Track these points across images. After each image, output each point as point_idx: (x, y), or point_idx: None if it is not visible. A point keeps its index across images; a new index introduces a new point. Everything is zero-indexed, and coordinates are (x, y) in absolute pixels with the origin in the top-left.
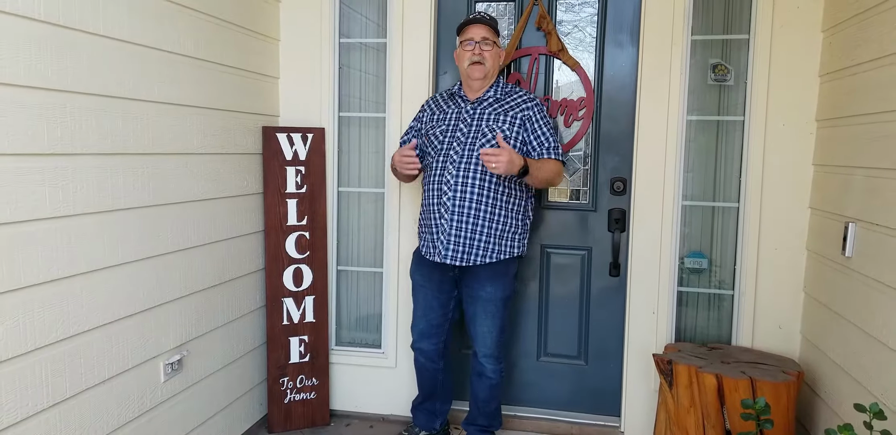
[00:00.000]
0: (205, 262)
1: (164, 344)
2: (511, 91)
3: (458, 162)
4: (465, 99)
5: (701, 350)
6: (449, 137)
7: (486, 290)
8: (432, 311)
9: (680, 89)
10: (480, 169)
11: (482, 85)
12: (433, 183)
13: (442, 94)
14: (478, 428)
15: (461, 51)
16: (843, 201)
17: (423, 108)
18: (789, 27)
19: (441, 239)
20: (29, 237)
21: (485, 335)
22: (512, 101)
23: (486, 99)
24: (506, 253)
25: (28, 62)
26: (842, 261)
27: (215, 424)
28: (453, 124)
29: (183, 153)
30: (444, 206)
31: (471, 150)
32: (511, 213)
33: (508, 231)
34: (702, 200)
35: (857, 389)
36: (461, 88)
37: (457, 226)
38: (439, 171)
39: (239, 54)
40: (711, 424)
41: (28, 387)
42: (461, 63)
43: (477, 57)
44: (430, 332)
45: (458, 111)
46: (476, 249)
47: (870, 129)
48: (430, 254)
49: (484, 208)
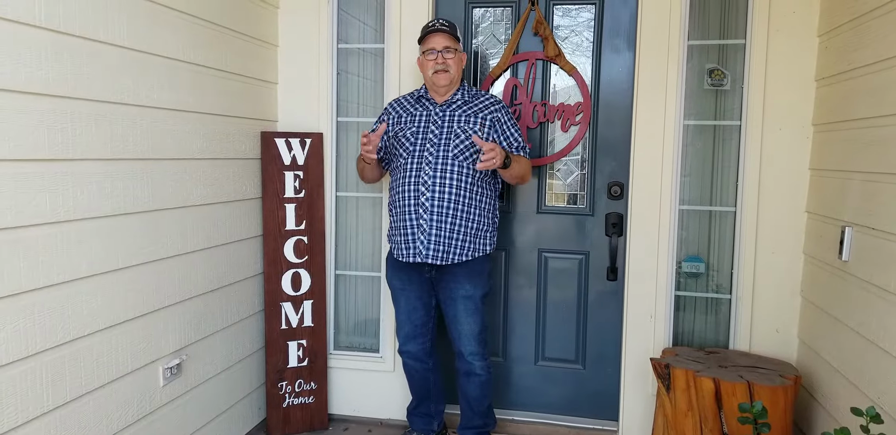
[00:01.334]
0: (204, 266)
1: (163, 348)
2: (477, 94)
3: (434, 163)
4: (432, 102)
5: (698, 354)
6: (421, 139)
7: (464, 288)
8: (415, 311)
9: (677, 94)
10: (455, 169)
11: (448, 90)
12: (408, 184)
13: (406, 97)
14: (474, 431)
15: (424, 60)
16: (839, 205)
17: (388, 110)
18: (785, 32)
19: (421, 239)
20: (30, 242)
21: (468, 334)
22: (480, 104)
23: (455, 101)
24: (480, 250)
25: (29, 68)
26: (839, 265)
27: (214, 428)
28: (423, 126)
29: (182, 158)
30: (423, 207)
31: (445, 150)
32: (484, 211)
33: (481, 229)
34: (699, 205)
35: (855, 393)
36: (427, 91)
37: (437, 225)
38: (415, 172)
39: (238, 60)
40: (709, 428)
41: (29, 391)
42: (425, 71)
43: (441, 65)
44: (415, 333)
45: (426, 113)
46: (455, 247)
47: (866, 133)
48: (406, 255)
49: (461, 208)
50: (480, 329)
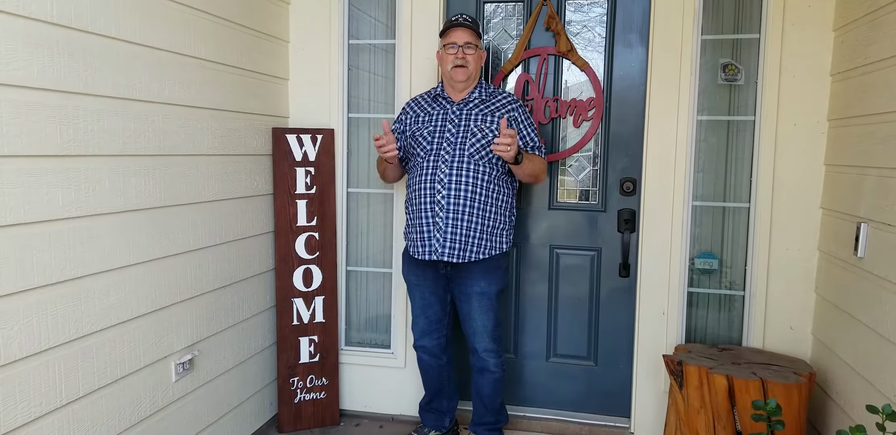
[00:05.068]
0: (215, 262)
1: (175, 344)
2: (494, 93)
3: (451, 161)
4: (449, 100)
5: (711, 351)
6: (438, 138)
7: (479, 285)
8: (431, 307)
9: (690, 89)
10: (472, 167)
11: (465, 87)
12: (425, 182)
13: (423, 96)
14: (486, 427)
15: (444, 54)
16: (855, 201)
17: (405, 110)
18: (800, 26)
19: (437, 237)
20: (43, 238)
21: (483, 330)
22: (497, 102)
23: (472, 100)
24: (496, 248)
25: (41, 65)
26: (854, 261)
27: (226, 423)
28: (440, 125)
29: (194, 154)
30: (439, 205)
31: (461, 149)
32: (500, 210)
33: (498, 227)
34: (712, 201)
35: (870, 391)
36: (444, 90)
37: (453, 223)
38: (431, 170)
39: (249, 56)
40: (722, 425)
41: (42, 386)
42: (444, 65)
43: (461, 60)
44: (429, 328)
45: (443, 112)
46: (471, 245)
47: (882, 128)
48: (423, 253)
49: (477, 205)
50: (494, 326)
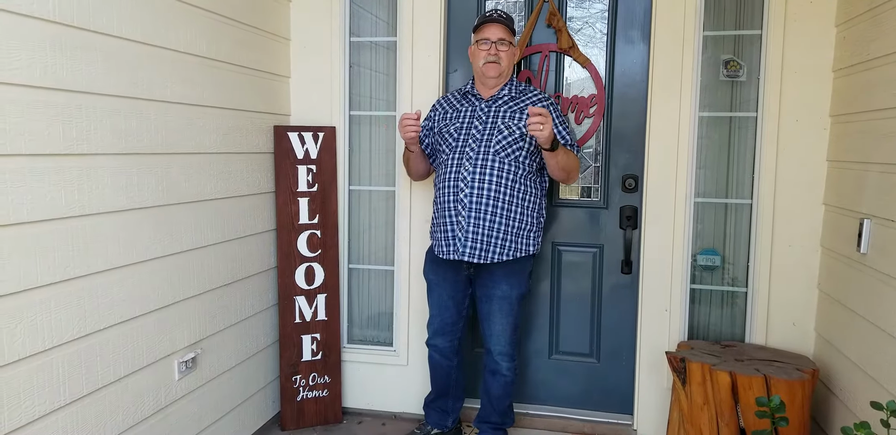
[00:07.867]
0: (218, 260)
1: (178, 342)
2: (525, 90)
3: (475, 158)
4: (478, 97)
5: (714, 348)
6: (464, 135)
7: (501, 288)
8: (447, 310)
9: (692, 85)
10: (497, 165)
11: (496, 83)
12: (449, 180)
13: (454, 93)
14: (490, 426)
15: (476, 49)
16: (857, 197)
17: (435, 107)
18: (802, 22)
19: (459, 236)
20: (46, 236)
21: (500, 333)
22: (527, 100)
23: (501, 97)
24: (522, 250)
25: (43, 63)
26: (857, 257)
27: (228, 421)
28: (468, 122)
29: (196, 153)
30: (462, 203)
31: (487, 145)
32: (527, 211)
33: (524, 228)
34: (714, 197)
35: (874, 387)
36: (474, 87)
37: (475, 223)
38: (455, 167)
39: (250, 54)
40: (725, 422)
41: (45, 385)
42: (476, 61)
43: (493, 57)
44: (444, 329)
45: (472, 109)
46: (494, 246)
47: (884, 124)
48: (446, 252)
49: (501, 205)
50: (513, 330)
